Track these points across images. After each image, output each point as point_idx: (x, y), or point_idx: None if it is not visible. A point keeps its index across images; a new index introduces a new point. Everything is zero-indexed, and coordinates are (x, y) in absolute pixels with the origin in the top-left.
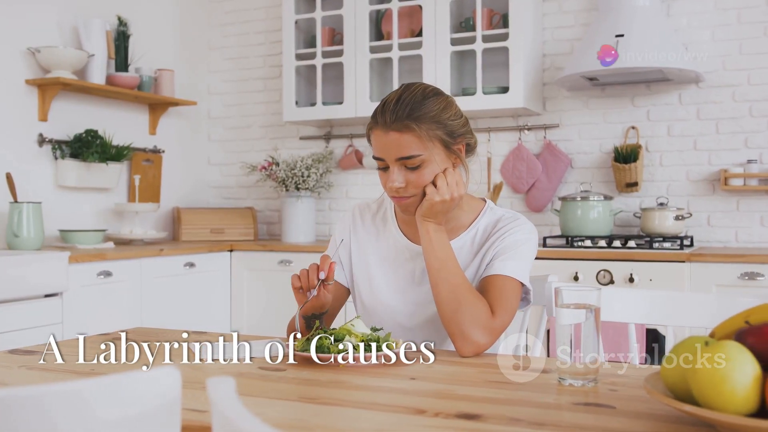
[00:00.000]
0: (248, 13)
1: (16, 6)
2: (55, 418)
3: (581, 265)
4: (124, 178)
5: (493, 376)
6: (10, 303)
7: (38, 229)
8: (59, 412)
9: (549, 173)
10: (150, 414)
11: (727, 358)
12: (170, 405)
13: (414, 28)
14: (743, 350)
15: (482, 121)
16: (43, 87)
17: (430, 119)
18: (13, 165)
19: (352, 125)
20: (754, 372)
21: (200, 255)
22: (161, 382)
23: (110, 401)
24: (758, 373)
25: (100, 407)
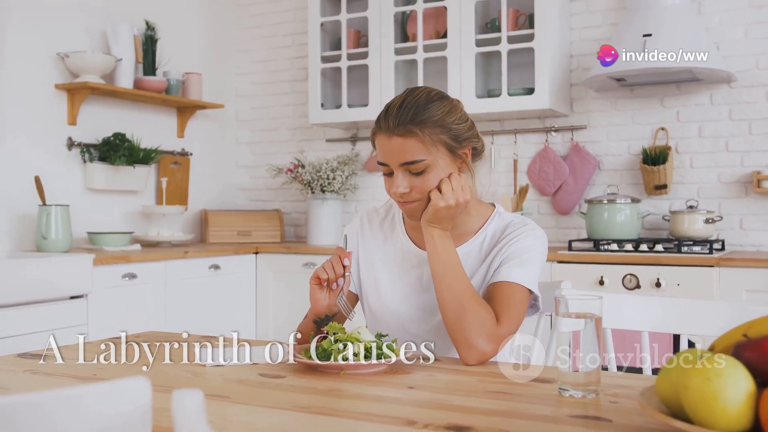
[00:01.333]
0: (275, 15)
1: (46, 12)
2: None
3: (607, 269)
4: (152, 181)
5: (493, 386)
6: (36, 304)
7: (66, 231)
8: (25, 424)
9: (576, 175)
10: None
11: (719, 374)
12: (141, 414)
13: (439, 29)
14: (737, 366)
15: (508, 123)
16: (72, 91)
17: (434, 123)
18: (42, 168)
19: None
20: (748, 388)
21: (225, 257)
22: (131, 392)
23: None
24: (752, 390)
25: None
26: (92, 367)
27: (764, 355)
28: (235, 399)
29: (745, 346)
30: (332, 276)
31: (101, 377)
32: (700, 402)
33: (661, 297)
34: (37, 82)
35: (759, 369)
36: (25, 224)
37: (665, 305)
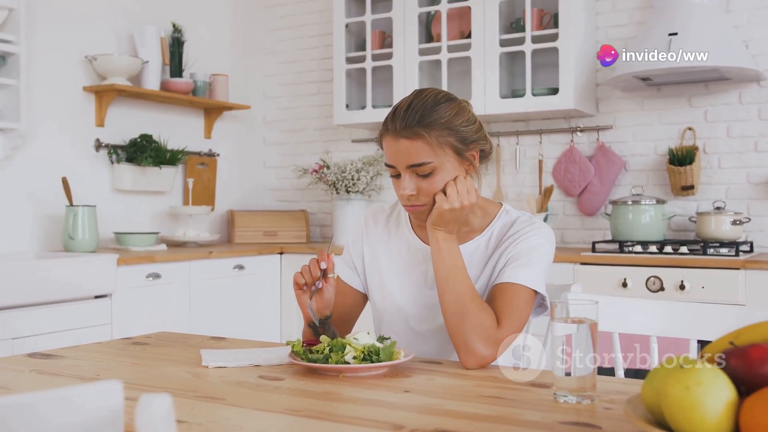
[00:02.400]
0: (302, 17)
1: (74, 16)
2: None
3: (630, 271)
4: (179, 182)
5: (489, 391)
6: (62, 304)
7: (93, 231)
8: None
9: (602, 176)
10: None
11: (699, 382)
12: (112, 418)
13: (464, 29)
14: (718, 374)
15: (534, 123)
16: (99, 93)
17: (441, 126)
18: (71, 169)
19: None
20: (729, 397)
21: (250, 257)
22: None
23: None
24: (733, 399)
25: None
26: (98, 367)
27: (749, 363)
28: (230, 401)
29: (731, 355)
30: (309, 280)
31: (105, 378)
32: (678, 410)
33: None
34: (65, 84)
35: (744, 378)
36: (53, 224)
37: (673, 309)
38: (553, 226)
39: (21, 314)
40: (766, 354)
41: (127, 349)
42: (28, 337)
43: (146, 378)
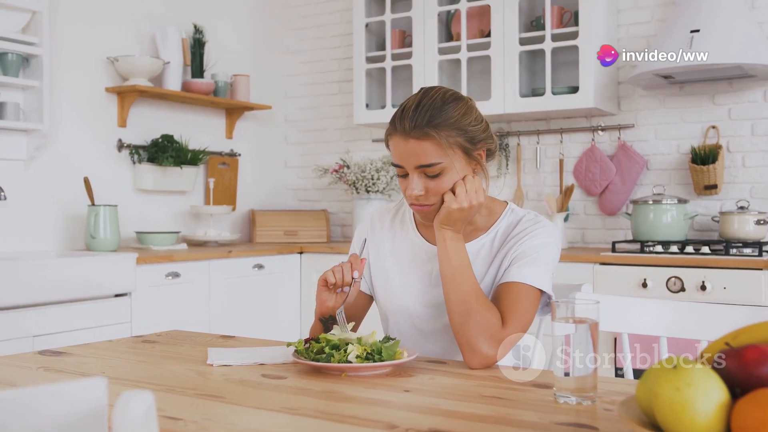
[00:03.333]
0: (324, 17)
1: (97, 17)
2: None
3: (651, 271)
4: (201, 181)
5: (490, 391)
6: (82, 302)
7: (114, 230)
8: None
9: (623, 175)
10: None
11: (690, 383)
12: (95, 415)
13: (484, 28)
14: (710, 375)
15: (554, 122)
16: (121, 94)
17: (450, 126)
18: (94, 169)
19: None
20: (720, 399)
21: (269, 257)
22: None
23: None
24: (724, 401)
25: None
26: (104, 365)
27: (744, 364)
28: (230, 399)
29: (726, 355)
30: (339, 282)
31: (113, 376)
32: (669, 412)
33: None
34: (89, 85)
35: (738, 379)
36: (75, 224)
37: (681, 310)
38: (574, 226)
39: (42, 312)
40: (760, 355)
41: (137, 347)
42: (49, 335)
43: (150, 376)
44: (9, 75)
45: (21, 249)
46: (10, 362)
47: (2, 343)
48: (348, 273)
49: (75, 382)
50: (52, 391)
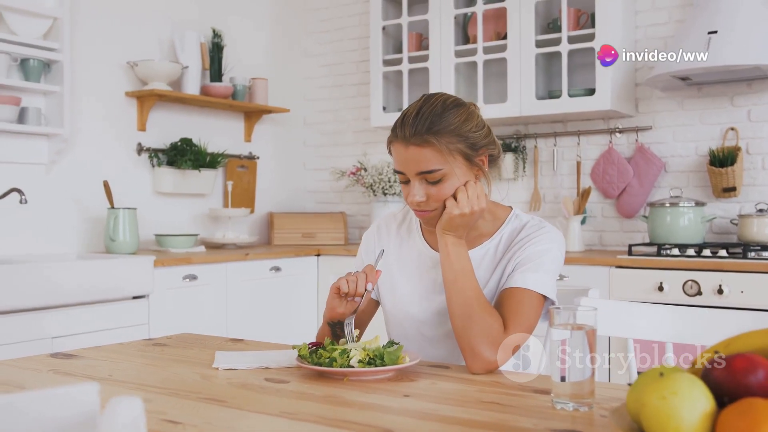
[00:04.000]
0: (342, 20)
1: (117, 23)
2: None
3: (667, 275)
4: (220, 184)
5: (489, 396)
6: (100, 304)
7: (133, 233)
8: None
9: (641, 178)
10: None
11: (675, 392)
12: (88, 420)
13: (500, 30)
14: (696, 384)
15: (572, 124)
16: (141, 98)
17: (451, 132)
18: (114, 172)
19: None
20: (705, 408)
21: (287, 259)
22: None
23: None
24: (710, 410)
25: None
26: (112, 368)
27: (732, 374)
28: (231, 403)
29: (714, 364)
30: (352, 292)
31: (120, 379)
32: (655, 421)
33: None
34: (109, 90)
35: (727, 388)
36: (96, 226)
37: (687, 315)
38: (592, 229)
39: (61, 314)
40: (749, 364)
41: (146, 350)
42: (67, 336)
43: (156, 379)
44: (31, 80)
45: (42, 251)
46: (22, 364)
47: (22, 345)
48: (362, 284)
49: (67, 387)
50: (44, 396)
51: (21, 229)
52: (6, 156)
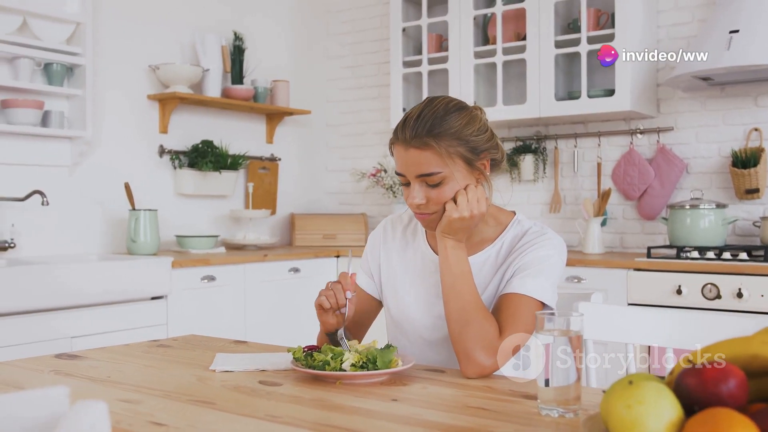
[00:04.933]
0: (364, 22)
1: (139, 27)
2: None
3: (686, 278)
4: (241, 186)
5: (476, 401)
6: (120, 304)
7: (154, 234)
8: None
9: (662, 179)
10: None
11: (641, 401)
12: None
13: (520, 31)
14: (663, 394)
15: (592, 125)
16: (163, 101)
17: (451, 136)
18: (136, 175)
19: None
20: (671, 418)
21: (306, 260)
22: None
23: None
24: (675, 419)
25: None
26: (112, 369)
27: (703, 382)
28: (219, 405)
29: (687, 373)
30: (334, 306)
31: (117, 380)
32: (620, 430)
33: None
34: (132, 93)
35: (697, 397)
36: (118, 228)
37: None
38: (613, 231)
39: (80, 314)
40: (720, 373)
41: (150, 352)
42: (86, 336)
43: (152, 380)
44: (54, 84)
45: (65, 252)
46: (25, 365)
47: (41, 344)
48: (341, 295)
49: (37, 390)
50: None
51: (44, 231)
52: (30, 158)
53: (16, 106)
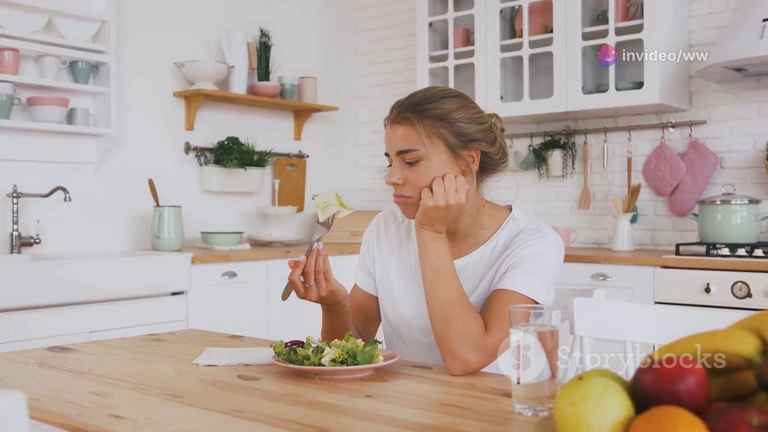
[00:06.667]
0: (392, 17)
1: (164, 25)
2: None
3: (715, 275)
4: (268, 183)
5: (452, 399)
6: (141, 299)
7: (178, 231)
8: None
9: (694, 174)
10: None
11: (586, 398)
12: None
13: (548, 24)
14: (610, 391)
15: (623, 119)
16: (188, 98)
17: (435, 116)
18: (162, 171)
19: None
20: (618, 417)
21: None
22: None
23: None
24: (623, 419)
25: None
26: (96, 362)
27: (660, 379)
28: (186, 399)
29: (644, 371)
30: (315, 292)
31: (97, 373)
32: (563, 428)
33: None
34: (158, 90)
35: (653, 395)
36: (143, 224)
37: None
38: (643, 227)
39: (100, 309)
40: (678, 370)
41: (143, 345)
42: (106, 330)
43: (130, 374)
44: (80, 82)
45: (92, 248)
46: (14, 357)
47: (60, 338)
48: (300, 266)
49: None
50: None
51: (69, 227)
52: (56, 156)
53: (42, 104)
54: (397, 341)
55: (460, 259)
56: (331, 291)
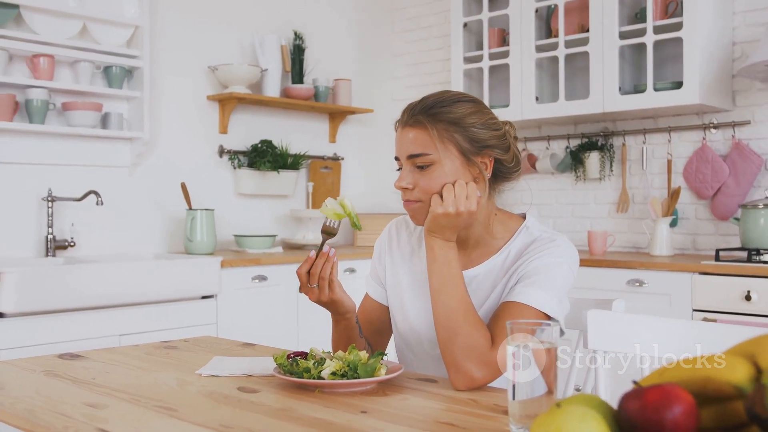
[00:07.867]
0: (428, 18)
1: (198, 29)
2: None
3: (756, 283)
4: (302, 185)
5: (448, 416)
6: (171, 303)
7: (210, 234)
8: None
9: (737, 176)
10: None
11: (559, 428)
12: None
13: (584, 23)
14: (588, 421)
15: (662, 120)
16: (222, 102)
17: (449, 120)
18: (196, 174)
19: (522, 128)
20: None
21: (362, 261)
22: None
23: None
24: None
25: None
26: (99, 371)
27: (643, 407)
28: (179, 412)
29: (629, 395)
30: (313, 281)
31: (97, 383)
32: None
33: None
34: (192, 94)
35: (638, 424)
36: (176, 227)
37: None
38: (684, 231)
39: (131, 312)
40: (663, 397)
41: (153, 353)
42: (136, 333)
43: (129, 385)
44: (114, 87)
45: (125, 251)
46: (22, 364)
47: (90, 341)
48: (309, 264)
49: None
50: None
51: (103, 230)
52: (90, 160)
53: (76, 109)
54: (408, 352)
55: (471, 269)
56: (332, 300)
